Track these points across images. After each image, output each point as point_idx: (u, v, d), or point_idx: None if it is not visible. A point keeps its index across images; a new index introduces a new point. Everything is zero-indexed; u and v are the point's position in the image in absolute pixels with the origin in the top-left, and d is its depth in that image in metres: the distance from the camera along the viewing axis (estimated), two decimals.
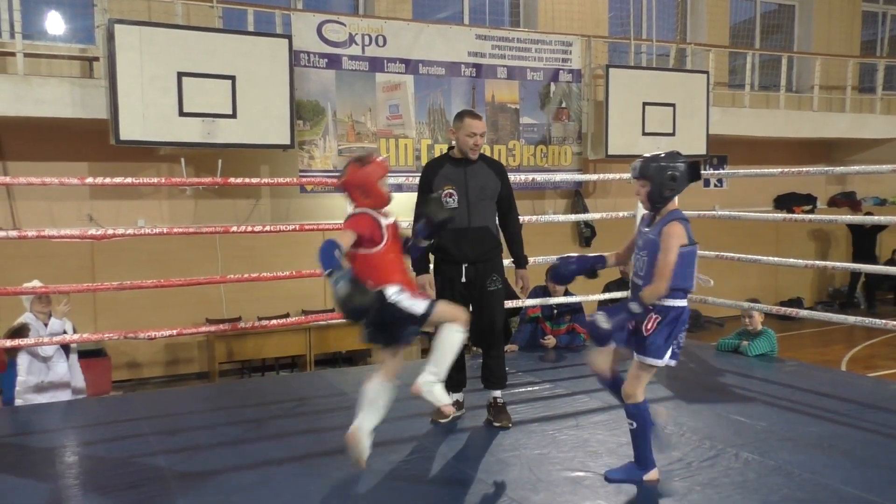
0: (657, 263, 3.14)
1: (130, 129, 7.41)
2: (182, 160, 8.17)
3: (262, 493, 3.33)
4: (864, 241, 12.71)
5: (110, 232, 4.89)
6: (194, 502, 3.22)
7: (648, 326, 3.16)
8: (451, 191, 3.98)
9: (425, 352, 9.86)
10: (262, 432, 4.18)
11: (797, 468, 3.48)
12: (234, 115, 7.77)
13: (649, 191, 3.22)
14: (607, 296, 6.66)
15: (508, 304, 5.40)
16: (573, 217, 10.38)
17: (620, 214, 6.64)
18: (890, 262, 12.51)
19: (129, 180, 5.01)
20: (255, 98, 7.88)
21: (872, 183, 13.65)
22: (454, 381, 4.09)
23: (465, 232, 4.10)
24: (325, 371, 6.70)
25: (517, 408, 4.42)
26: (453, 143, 4.26)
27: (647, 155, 3.30)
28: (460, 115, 4.24)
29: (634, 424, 3.25)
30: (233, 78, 7.77)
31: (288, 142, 8.11)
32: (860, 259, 11.99)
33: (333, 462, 3.69)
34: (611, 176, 6.78)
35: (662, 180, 3.20)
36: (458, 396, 4.31)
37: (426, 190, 4.15)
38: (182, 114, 7.59)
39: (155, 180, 6.87)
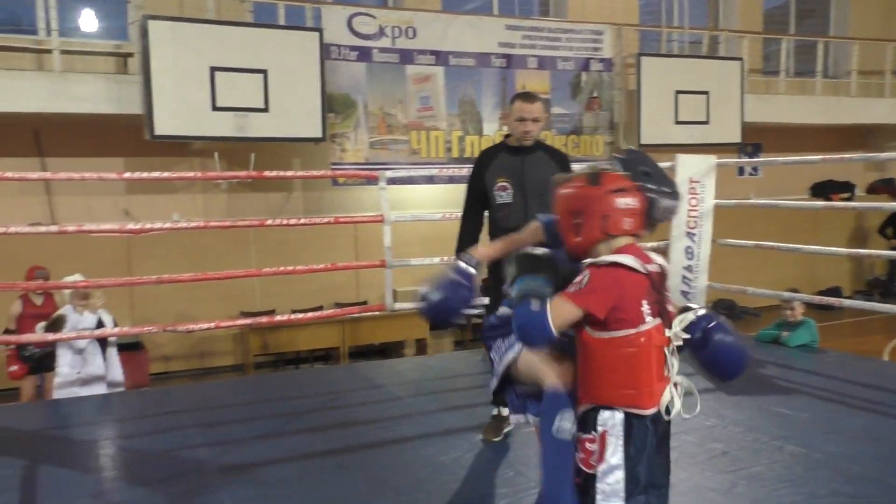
0: None
1: (165, 124, 7.48)
2: (216, 154, 8.23)
3: (300, 487, 3.34)
4: None
5: (148, 226, 4.93)
6: (236, 495, 3.24)
7: None
8: (504, 183, 3.63)
9: (458, 343, 9.87)
10: (299, 425, 4.19)
11: (844, 461, 3.41)
12: (266, 109, 7.81)
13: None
14: None
15: None
16: None
17: None
18: None
19: (164, 175, 5.06)
20: (287, 91, 7.91)
21: None
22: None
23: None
24: (360, 363, 6.72)
25: None
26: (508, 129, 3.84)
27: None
28: (512, 98, 3.81)
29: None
30: (264, 72, 7.81)
31: (320, 135, 8.13)
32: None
33: (371, 456, 3.69)
34: None
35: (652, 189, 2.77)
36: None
37: (478, 184, 3.74)
38: (215, 108, 7.64)
39: (191, 174, 6.91)
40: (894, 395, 4.45)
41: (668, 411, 2.05)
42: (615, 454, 2.02)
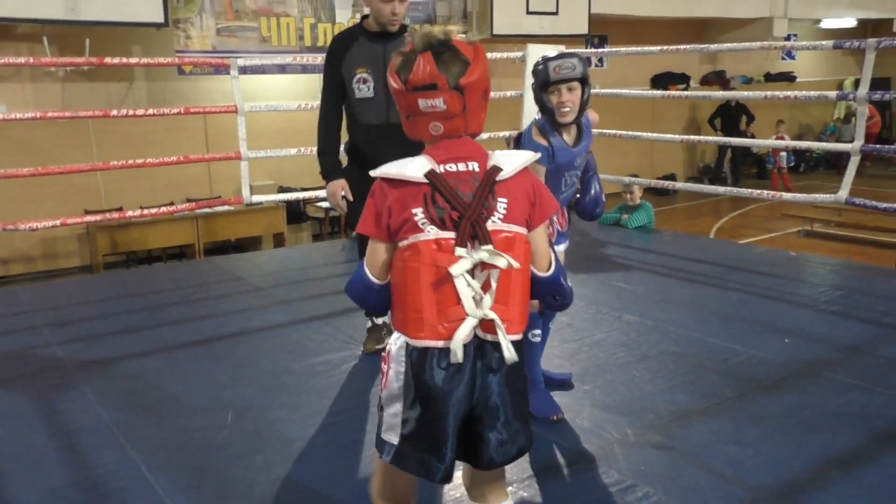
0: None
1: None
2: (45, 39, 7.57)
3: (166, 376, 3.36)
4: (730, 119, 13.42)
5: None
6: (98, 388, 3.22)
7: (563, 217, 2.94)
8: (364, 75, 3.23)
9: (316, 237, 9.87)
10: (160, 319, 4.16)
11: (672, 326, 3.82)
12: None
13: (583, 97, 2.72)
14: None
15: None
16: None
17: (508, 94, 6.71)
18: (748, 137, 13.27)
19: None
20: None
21: (741, 62, 14.27)
22: None
23: (385, 129, 3.17)
24: (218, 258, 6.63)
25: None
26: (367, 10, 3.29)
27: (568, 52, 2.82)
28: None
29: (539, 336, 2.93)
30: None
31: (161, 19, 7.63)
32: (727, 135, 12.65)
33: (237, 343, 3.75)
34: (497, 55, 6.80)
35: (589, 84, 2.75)
36: None
37: (335, 75, 3.28)
38: None
39: (20, 60, 6.33)
40: (717, 268, 4.95)
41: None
42: (397, 378, 1.69)
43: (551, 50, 2.81)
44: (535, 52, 6.07)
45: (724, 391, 3.09)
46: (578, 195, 2.99)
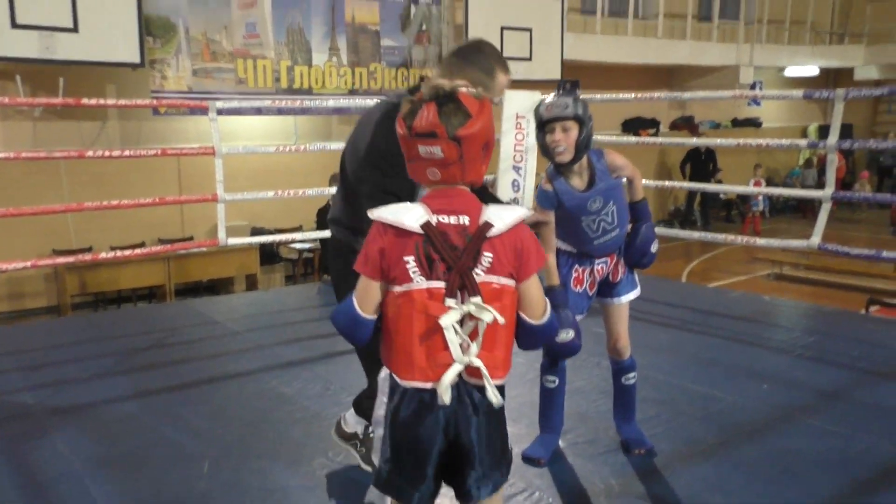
0: (632, 175, 2.90)
1: None
2: (17, 78, 7.50)
3: (141, 423, 3.28)
4: (700, 163, 13.65)
5: None
6: (69, 436, 3.14)
7: (619, 265, 2.98)
8: None
9: (289, 278, 9.79)
10: (134, 364, 4.08)
11: (652, 371, 3.83)
12: (75, 29, 7.18)
13: (579, 136, 2.69)
14: None
15: None
16: None
17: None
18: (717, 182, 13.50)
19: None
20: (99, 10, 7.29)
21: (709, 108, 14.58)
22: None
23: None
24: (191, 300, 6.55)
25: None
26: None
27: (555, 95, 2.80)
28: (492, 67, 2.44)
29: (635, 377, 3.12)
30: None
31: (137, 60, 7.61)
32: (696, 180, 12.87)
33: (213, 389, 3.69)
34: None
35: (590, 123, 2.73)
36: None
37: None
38: (15, 25, 6.92)
39: None
40: (693, 313, 4.99)
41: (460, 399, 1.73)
42: (380, 408, 1.87)
43: (528, 94, 2.81)
44: (512, 98, 6.14)
45: (706, 438, 3.09)
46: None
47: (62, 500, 2.64)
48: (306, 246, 9.07)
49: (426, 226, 1.72)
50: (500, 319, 1.69)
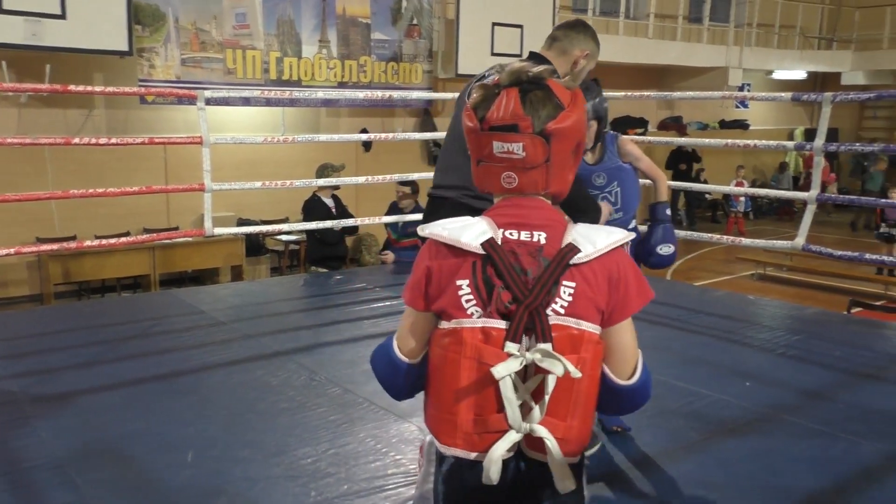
0: (649, 171, 3.14)
1: None
2: (3, 64, 7.44)
3: (125, 412, 3.26)
4: (686, 163, 13.74)
5: None
6: (53, 424, 3.12)
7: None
8: None
9: (274, 270, 9.76)
10: (119, 353, 4.05)
11: None
12: (63, 16, 7.13)
13: (598, 131, 3.00)
14: None
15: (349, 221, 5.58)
16: (422, 135, 10.46)
17: None
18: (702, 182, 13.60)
19: None
20: None
21: (697, 109, 14.67)
22: None
23: None
24: (176, 290, 6.51)
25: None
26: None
27: None
28: (592, 34, 2.70)
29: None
30: None
31: (125, 48, 7.58)
32: (682, 180, 12.94)
33: (199, 379, 3.67)
34: None
35: (606, 116, 3.04)
36: None
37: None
38: (1, 11, 6.87)
39: None
40: (678, 310, 5.02)
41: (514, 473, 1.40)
42: (427, 480, 1.49)
43: None
44: None
45: (689, 434, 3.11)
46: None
47: (45, 488, 2.62)
48: (292, 237, 9.05)
49: (489, 243, 1.34)
50: (576, 373, 1.31)
